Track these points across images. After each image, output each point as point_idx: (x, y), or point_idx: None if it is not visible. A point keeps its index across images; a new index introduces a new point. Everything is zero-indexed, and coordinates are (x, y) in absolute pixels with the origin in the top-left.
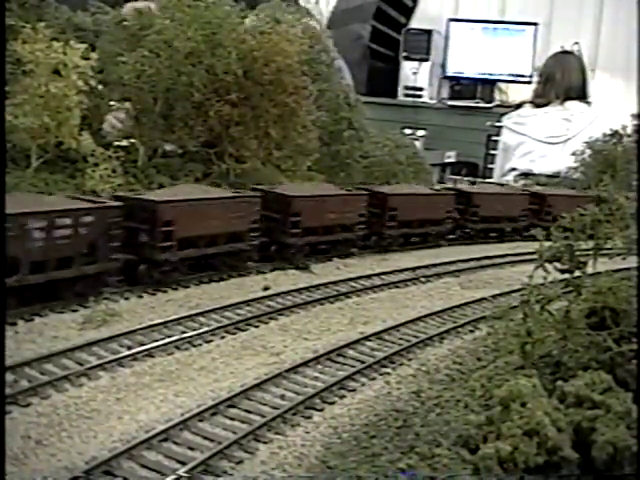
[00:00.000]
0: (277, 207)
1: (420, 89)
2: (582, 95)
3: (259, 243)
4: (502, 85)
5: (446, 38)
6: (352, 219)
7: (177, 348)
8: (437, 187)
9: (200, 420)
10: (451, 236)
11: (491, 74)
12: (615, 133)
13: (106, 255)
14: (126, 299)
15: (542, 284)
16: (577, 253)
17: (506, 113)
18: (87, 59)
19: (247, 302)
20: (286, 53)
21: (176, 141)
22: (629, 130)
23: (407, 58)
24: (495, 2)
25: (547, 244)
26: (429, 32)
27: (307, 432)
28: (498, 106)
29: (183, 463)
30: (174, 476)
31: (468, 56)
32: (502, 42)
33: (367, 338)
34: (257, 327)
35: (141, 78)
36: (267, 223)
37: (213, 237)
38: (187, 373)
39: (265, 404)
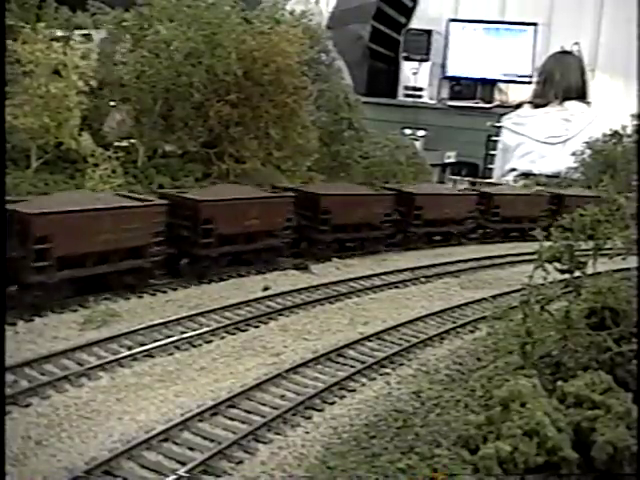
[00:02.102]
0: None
1: (420, 89)
2: (582, 95)
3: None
4: (502, 85)
5: (446, 38)
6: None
7: (177, 348)
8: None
9: (200, 420)
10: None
11: (491, 74)
12: (615, 133)
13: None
14: (126, 299)
15: (542, 284)
16: (577, 253)
17: (506, 113)
18: (87, 59)
19: (247, 302)
20: (286, 53)
21: (176, 141)
22: (629, 130)
23: (407, 58)
24: (495, 2)
25: (547, 244)
26: (429, 32)
27: (307, 432)
28: (498, 106)
29: (183, 463)
30: (174, 476)
31: (468, 56)
32: (502, 42)
33: (367, 338)
34: (257, 327)
35: (141, 79)
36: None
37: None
38: (187, 373)
39: (265, 404)
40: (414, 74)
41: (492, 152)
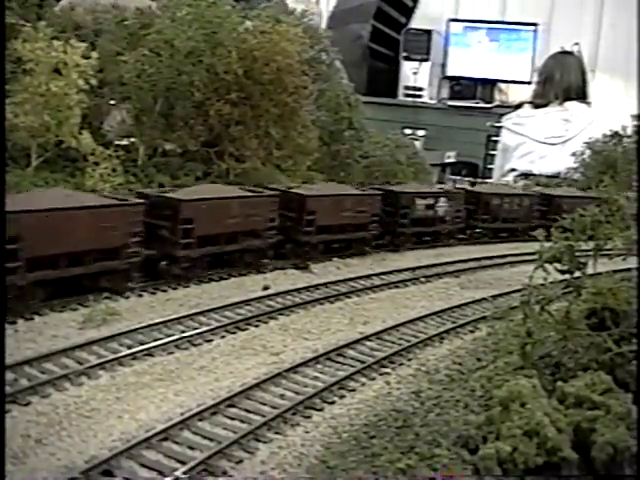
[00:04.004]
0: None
1: (420, 89)
2: (582, 96)
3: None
4: (502, 85)
5: (446, 38)
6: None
7: (177, 347)
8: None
9: (200, 419)
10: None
11: (491, 75)
12: (615, 134)
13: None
14: (126, 298)
15: (542, 285)
16: (577, 254)
17: (506, 113)
18: (88, 58)
19: (247, 302)
20: (286, 53)
21: (176, 140)
22: (629, 131)
23: (407, 58)
24: (495, 3)
25: (547, 245)
26: (429, 32)
27: (307, 432)
28: (498, 106)
29: (183, 462)
30: (173, 476)
31: (468, 57)
32: (503, 43)
33: (367, 338)
34: (257, 327)
35: (141, 77)
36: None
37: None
38: (187, 372)
39: (265, 404)
40: (414, 74)
41: (492, 152)
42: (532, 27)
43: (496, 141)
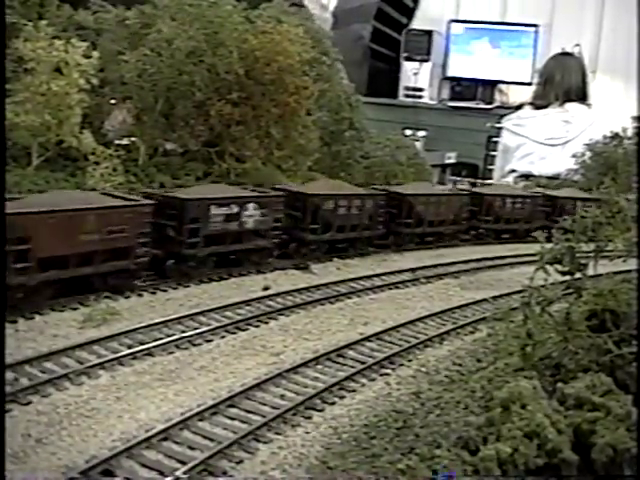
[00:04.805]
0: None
1: (421, 90)
2: (582, 97)
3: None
4: (502, 86)
5: (447, 39)
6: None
7: (177, 347)
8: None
9: (200, 419)
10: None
11: (491, 76)
12: (615, 135)
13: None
14: (126, 298)
15: (543, 286)
16: (578, 255)
17: (506, 114)
18: (89, 57)
19: (247, 302)
20: (288, 53)
21: (177, 140)
22: (629, 132)
23: (408, 59)
24: (496, 4)
25: (548, 246)
26: (430, 33)
27: (307, 432)
28: (498, 107)
29: (183, 462)
30: (174, 476)
31: (469, 58)
32: (505, 50)
33: (367, 339)
34: (257, 327)
35: (142, 77)
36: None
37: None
38: (187, 372)
39: (265, 404)
40: (415, 74)
41: (492, 153)
42: (533, 28)
43: (496, 142)
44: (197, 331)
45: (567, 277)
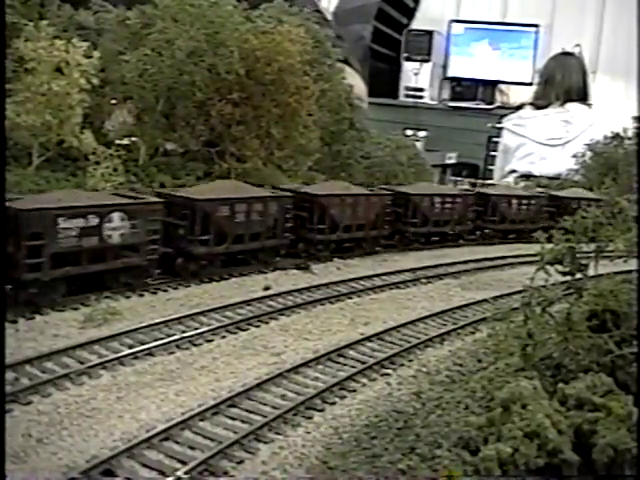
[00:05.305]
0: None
1: (421, 90)
2: (583, 97)
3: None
4: (503, 87)
5: (447, 39)
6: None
7: (178, 347)
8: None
9: (201, 419)
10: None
11: (492, 76)
12: (616, 136)
13: None
14: (127, 298)
15: (543, 286)
16: (578, 255)
17: (507, 115)
18: (89, 57)
19: (248, 302)
20: (288, 53)
21: (178, 140)
22: (630, 133)
23: (408, 59)
24: (497, 4)
25: (549, 246)
26: (430, 33)
27: (308, 432)
28: (499, 107)
29: (184, 462)
30: (173, 477)
31: (470, 58)
32: (505, 51)
33: (368, 339)
34: (258, 327)
35: (143, 77)
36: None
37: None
38: (188, 372)
39: (266, 404)
40: (415, 75)
41: (493, 153)
42: (533, 28)
43: (497, 142)
44: (198, 331)
45: (568, 277)
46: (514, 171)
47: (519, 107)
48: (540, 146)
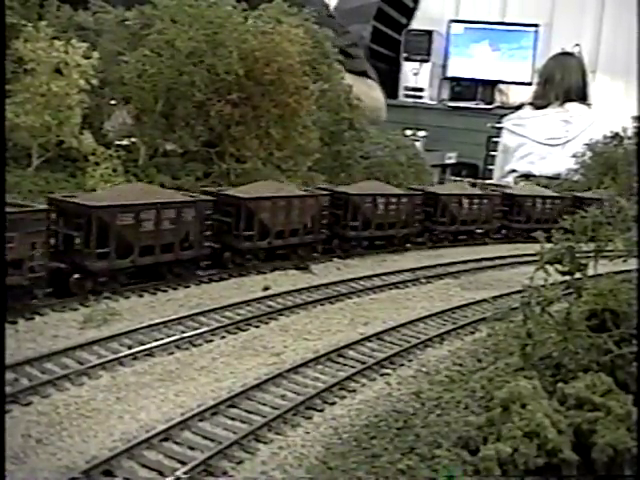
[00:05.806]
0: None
1: (421, 90)
2: (582, 97)
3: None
4: (502, 86)
5: (447, 39)
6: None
7: (177, 348)
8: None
9: (200, 420)
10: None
11: (491, 76)
12: (616, 135)
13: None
14: (126, 298)
15: (543, 286)
16: (578, 255)
17: (506, 114)
18: (89, 58)
19: (247, 302)
20: (287, 53)
21: (177, 140)
22: (629, 132)
23: (408, 59)
24: (496, 3)
25: (548, 246)
26: (430, 33)
27: (307, 432)
28: (498, 107)
29: (183, 463)
30: (174, 477)
31: (469, 58)
32: (505, 52)
33: (367, 339)
34: (257, 327)
35: (142, 77)
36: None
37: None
38: (187, 373)
39: (265, 404)
40: (415, 75)
41: (492, 153)
42: (533, 28)
43: (496, 142)
44: (197, 331)
45: (567, 277)
46: (514, 171)
47: (519, 107)
48: (540, 146)
